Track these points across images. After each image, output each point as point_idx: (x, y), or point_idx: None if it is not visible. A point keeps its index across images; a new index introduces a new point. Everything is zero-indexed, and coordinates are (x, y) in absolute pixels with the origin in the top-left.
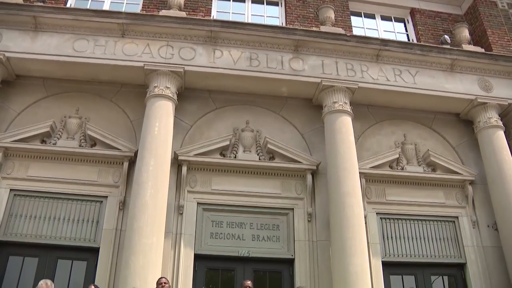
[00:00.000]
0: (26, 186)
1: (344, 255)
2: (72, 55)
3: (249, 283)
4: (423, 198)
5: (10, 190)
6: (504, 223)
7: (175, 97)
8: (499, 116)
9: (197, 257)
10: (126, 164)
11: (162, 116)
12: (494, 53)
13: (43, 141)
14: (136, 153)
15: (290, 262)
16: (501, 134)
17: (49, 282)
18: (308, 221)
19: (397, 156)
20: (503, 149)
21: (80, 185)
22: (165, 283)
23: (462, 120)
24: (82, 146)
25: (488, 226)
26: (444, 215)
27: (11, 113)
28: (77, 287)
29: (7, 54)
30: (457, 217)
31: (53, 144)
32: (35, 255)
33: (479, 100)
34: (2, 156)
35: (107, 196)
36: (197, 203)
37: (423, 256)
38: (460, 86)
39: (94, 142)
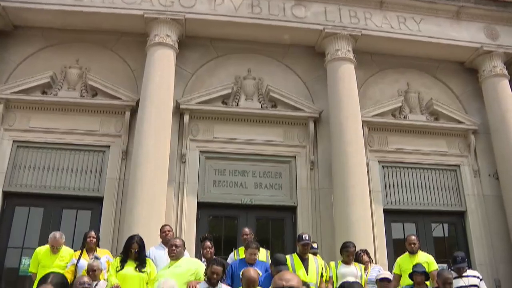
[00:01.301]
0: (28, 138)
1: (346, 203)
2: (70, 4)
3: (246, 230)
4: (426, 146)
5: (13, 141)
6: (505, 172)
7: (176, 45)
8: (504, 64)
9: (200, 205)
10: (128, 114)
11: (163, 65)
12: (502, 0)
13: (44, 92)
14: (137, 103)
15: (292, 210)
16: (505, 83)
17: (58, 234)
18: (310, 169)
19: (400, 104)
20: (508, 98)
21: (82, 135)
22: (168, 231)
23: (466, 69)
24: (83, 97)
25: (489, 175)
26: (446, 164)
27: (11, 64)
28: (82, 236)
29: (2, 4)
30: (458, 166)
31: (54, 95)
32: (41, 206)
33: (484, 48)
34: (3, 108)
35: (109, 146)
36: (200, 151)
37: (424, 204)
38: (465, 34)
39: (95, 92)
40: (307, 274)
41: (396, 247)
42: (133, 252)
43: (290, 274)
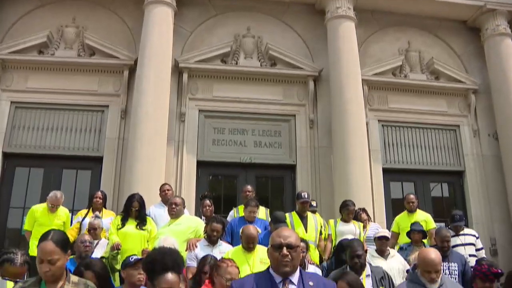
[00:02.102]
0: (26, 98)
1: (345, 162)
2: None
3: (249, 188)
4: (425, 106)
5: (11, 102)
6: (505, 132)
7: (174, 3)
8: (508, 23)
9: (200, 164)
10: (126, 73)
11: (161, 23)
12: None
13: (40, 52)
14: (136, 62)
15: (291, 168)
16: (508, 42)
17: (59, 193)
18: (310, 127)
19: (401, 63)
20: (510, 57)
21: (81, 95)
22: (168, 189)
23: (468, 28)
24: (81, 56)
25: (488, 135)
26: (446, 123)
27: (5, 23)
28: (82, 195)
29: None
30: (458, 126)
31: (51, 54)
32: (41, 166)
33: (488, 6)
34: (0, 68)
35: (108, 106)
36: (199, 110)
37: (423, 163)
38: None
39: (92, 52)
40: (306, 232)
41: (395, 207)
42: (134, 210)
43: (288, 230)
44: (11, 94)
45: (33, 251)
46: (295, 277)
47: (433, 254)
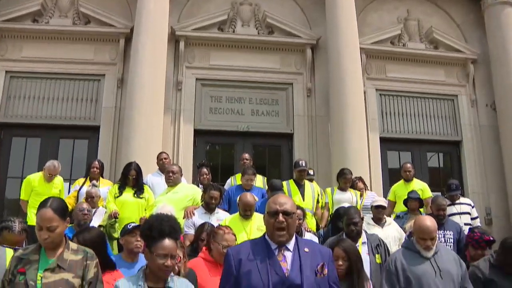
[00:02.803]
0: (21, 67)
1: (342, 130)
2: None
3: (246, 156)
4: (424, 75)
5: (6, 72)
6: (503, 102)
7: None
8: None
9: (197, 133)
10: (122, 41)
11: None
12: None
13: (35, 21)
14: (132, 30)
15: (289, 137)
16: (509, 11)
17: (56, 162)
18: (307, 96)
19: (399, 32)
20: (511, 26)
21: (76, 64)
22: (165, 158)
23: None
24: (76, 24)
25: (486, 106)
26: (444, 93)
27: None
28: (80, 164)
29: None
30: (456, 96)
31: (46, 23)
32: (37, 136)
33: None
34: None
35: (104, 74)
36: (196, 78)
37: (420, 133)
38: None
39: (88, 20)
40: (303, 200)
41: (392, 177)
42: (131, 178)
43: (284, 197)
44: (6, 64)
45: (31, 220)
46: (291, 244)
47: (429, 221)
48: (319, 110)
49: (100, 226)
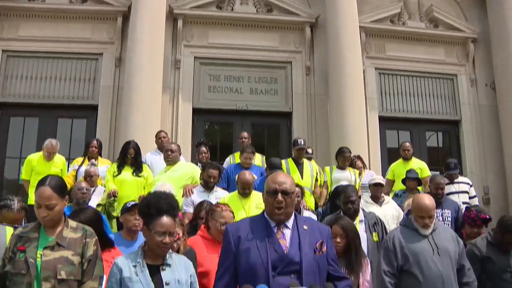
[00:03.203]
0: (18, 47)
1: (341, 109)
2: None
3: (245, 134)
4: (423, 54)
5: (3, 51)
6: (502, 82)
7: None
8: None
9: (195, 111)
10: (120, 20)
11: None
12: None
13: None
14: (129, 8)
15: (288, 116)
16: None
17: (54, 141)
18: (306, 74)
19: (399, 10)
20: None
21: (74, 43)
22: (164, 137)
23: None
24: (73, 2)
25: (486, 85)
26: (443, 72)
27: None
28: (78, 144)
29: None
30: (456, 75)
31: (42, 1)
32: (35, 115)
33: None
34: None
35: (102, 53)
36: (194, 57)
37: (419, 112)
38: None
39: None
40: (302, 178)
41: (390, 156)
42: (130, 157)
43: (283, 176)
44: (3, 43)
45: (32, 200)
46: (290, 222)
47: (427, 199)
48: (318, 89)
49: (99, 205)
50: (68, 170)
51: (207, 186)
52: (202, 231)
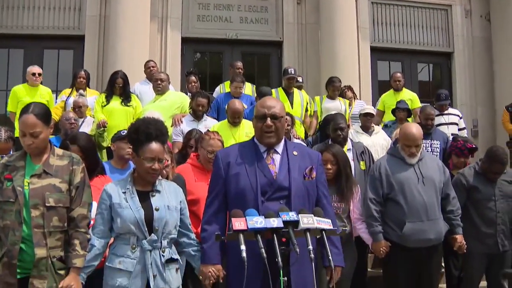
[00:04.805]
0: None
1: (333, 39)
2: None
3: (239, 64)
4: None
5: None
6: (498, 13)
7: None
8: None
9: (185, 40)
10: None
11: None
12: None
13: None
14: None
15: (278, 45)
16: None
17: (35, 66)
18: (297, 3)
19: None
20: None
21: None
22: (153, 66)
23: None
24: None
25: (481, 17)
26: (438, 2)
27: None
28: (65, 75)
29: None
30: (450, 6)
31: None
32: (20, 47)
33: None
34: None
35: None
36: None
37: (412, 43)
38: None
39: None
40: (292, 107)
41: (381, 88)
42: (118, 87)
43: (273, 100)
44: None
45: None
46: (279, 147)
47: (414, 128)
48: (309, 18)
49: None
50: (55, 102)
51: (196, 115)
52: (191, 159)
